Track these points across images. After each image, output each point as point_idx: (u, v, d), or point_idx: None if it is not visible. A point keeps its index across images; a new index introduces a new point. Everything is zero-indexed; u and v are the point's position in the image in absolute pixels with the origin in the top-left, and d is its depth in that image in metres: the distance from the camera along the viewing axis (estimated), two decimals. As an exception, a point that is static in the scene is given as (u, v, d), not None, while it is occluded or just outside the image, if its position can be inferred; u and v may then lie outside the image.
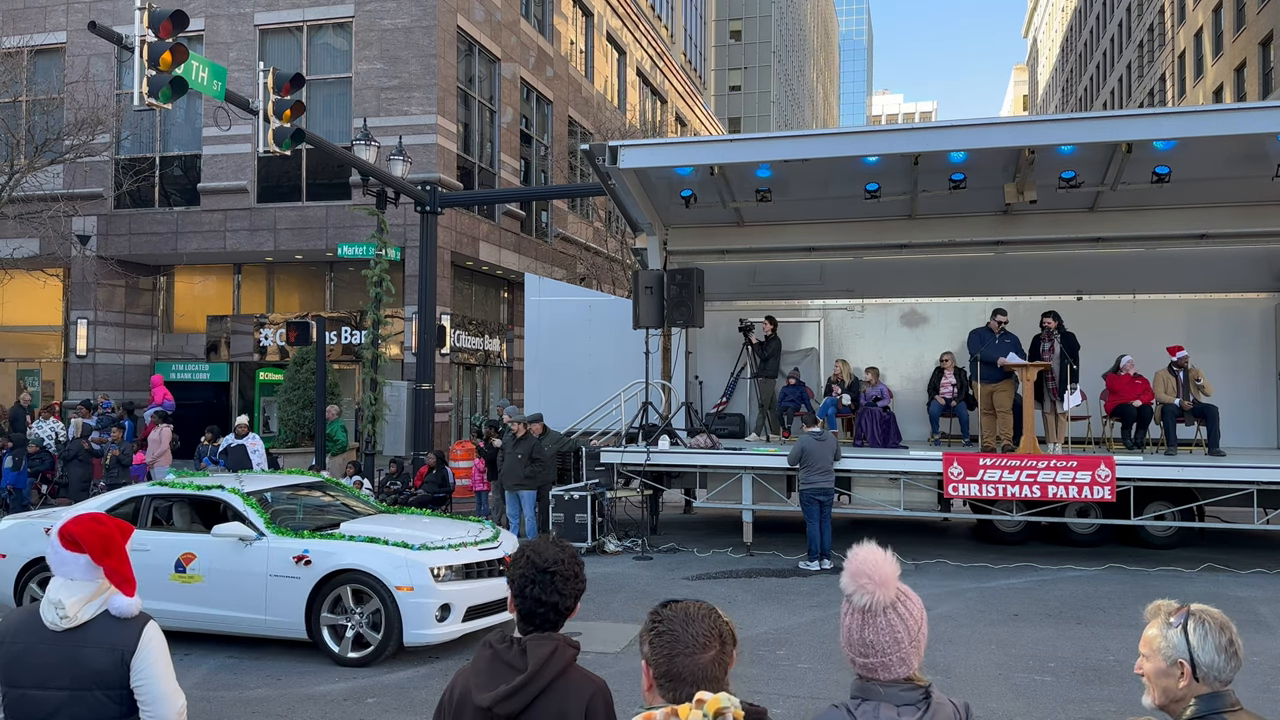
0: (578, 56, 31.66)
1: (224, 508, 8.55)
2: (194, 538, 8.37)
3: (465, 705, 2.45)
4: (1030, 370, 12.23)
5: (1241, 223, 14.09)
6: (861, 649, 2.14)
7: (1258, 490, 11.41)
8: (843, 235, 15.43)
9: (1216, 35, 38.91)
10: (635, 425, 13.86)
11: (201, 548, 8.21)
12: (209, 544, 8.19)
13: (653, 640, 2.16)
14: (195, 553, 8.20)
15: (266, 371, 22.52)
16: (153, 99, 10.41)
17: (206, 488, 8.67)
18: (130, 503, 8.66)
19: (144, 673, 2.82)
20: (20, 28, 23.13)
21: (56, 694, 2.78)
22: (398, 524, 8.81)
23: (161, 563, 8.18)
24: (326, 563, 7.87)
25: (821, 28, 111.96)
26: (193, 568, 8.16)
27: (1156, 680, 2.34)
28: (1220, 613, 2.33)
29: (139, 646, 2.83)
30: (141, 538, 8.26)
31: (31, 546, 8.53)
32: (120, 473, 15.48)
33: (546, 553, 2.56)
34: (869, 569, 2.15)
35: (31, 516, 9.34)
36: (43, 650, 2.80)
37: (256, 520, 8.19)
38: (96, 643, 2.80)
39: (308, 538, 8.12)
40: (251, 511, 8.27)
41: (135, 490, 8.96)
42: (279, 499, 8.95)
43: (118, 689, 2.81)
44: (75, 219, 22.91)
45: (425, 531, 8.44)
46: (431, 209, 17.21)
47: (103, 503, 8.77)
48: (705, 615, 2.18)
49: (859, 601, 2.14)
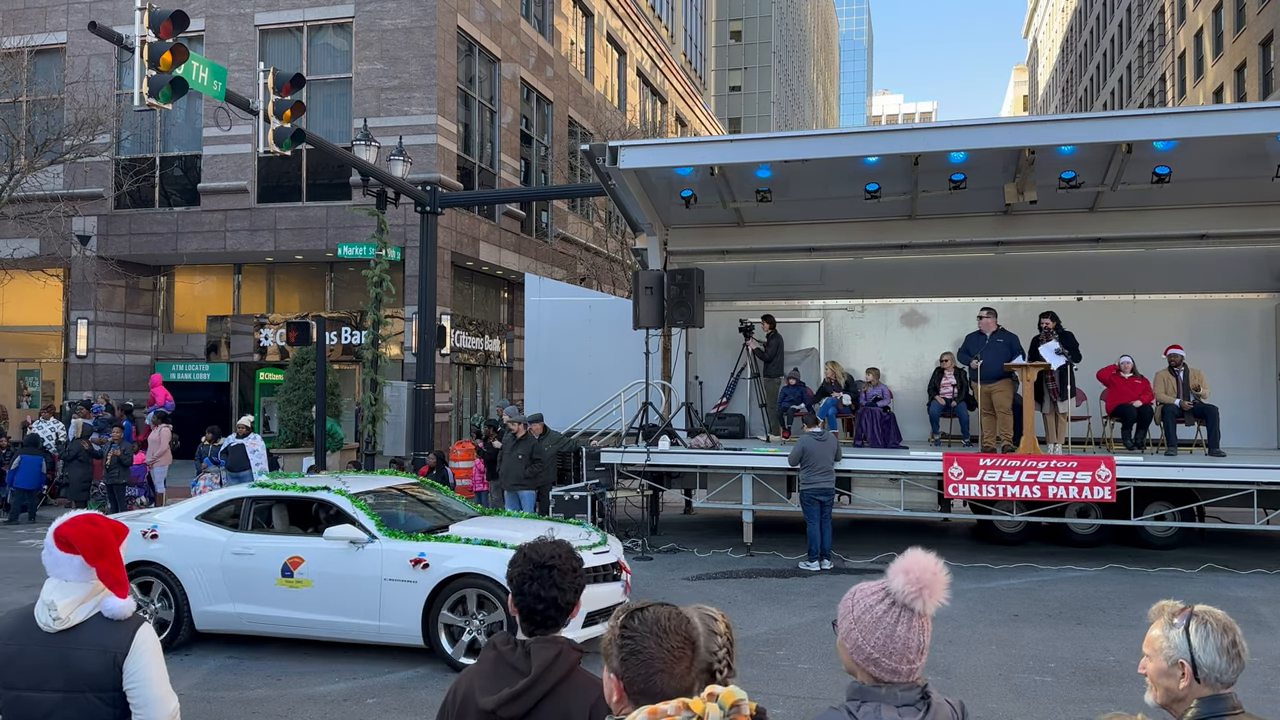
0: (578, 57, 31.66)
1: (330, 510, 8.30)
2: (301, 541, 8.05)
3: (468, 707, 2.45)
4: (1030, 370, 12.23)
5: (1241, 223, 14.09)
6: (891, 652, 2.10)
7: (1258, 490, 11.40)
8: (843, 235, 15.43)
9: (1216, 35, 38.90)
10: (635, 425, 13.86)
11: (310, 551, 7.88)
12: (318, 547, 7.88)
13: (626, 659, 2.07)
14: (303, 556, 7.87)
15: (266, 372, 22.51)
16: (153, 99, 10.41)
17: (311, 489, 8.37)
18: (231, 504, 8.44)
19: (136, 675, 2.81)
20: (20, 28, 23.14)
21: (50, 696, 2.78)
22: (505, 526, 8.56)
23: (266, 567, 7.92)
24: (444, 566, 7.57)
25: (821, 28, 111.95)
26: (300, 572, 7.84)
27: (1158, 680, 2.35)
28: (1224, 614, 2.33)
29: (131, 648, 2.82)
30: (245, 541, 8.14)
31: (132, 551, 8.08)
32: (120, 473, 15.48)
33: (543, 549, 2.57)
34: (927, 577, 2.11)
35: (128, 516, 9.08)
36: (36, 652, 2.80)
37: (367, 523, 7.89)
38: (89, 644, 2.79)
39: (421, 540, 7.82)
40: (361, 513, 7.96)
41: (235, 492, 8.66)
42: (382, 501, 8.65)
43: (110, 691, 2.80)
44: (75, 219, 22.92)
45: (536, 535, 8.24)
46: (431, 209, 17.21)
47: (203, 504, 8.52)
48: (676, 625, 2.10)
49: (918, 606, 2.10)
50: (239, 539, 8.17)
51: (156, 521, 8.42)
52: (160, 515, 8.64)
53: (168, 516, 8.54)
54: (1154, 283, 14.92)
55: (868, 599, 2.16)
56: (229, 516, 8.41)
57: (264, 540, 8.15)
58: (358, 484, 8.77)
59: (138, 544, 8.20)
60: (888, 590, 2.14)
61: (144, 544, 8.24)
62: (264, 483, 8.83)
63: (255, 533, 8.26)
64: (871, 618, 2.13)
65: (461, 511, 9.07)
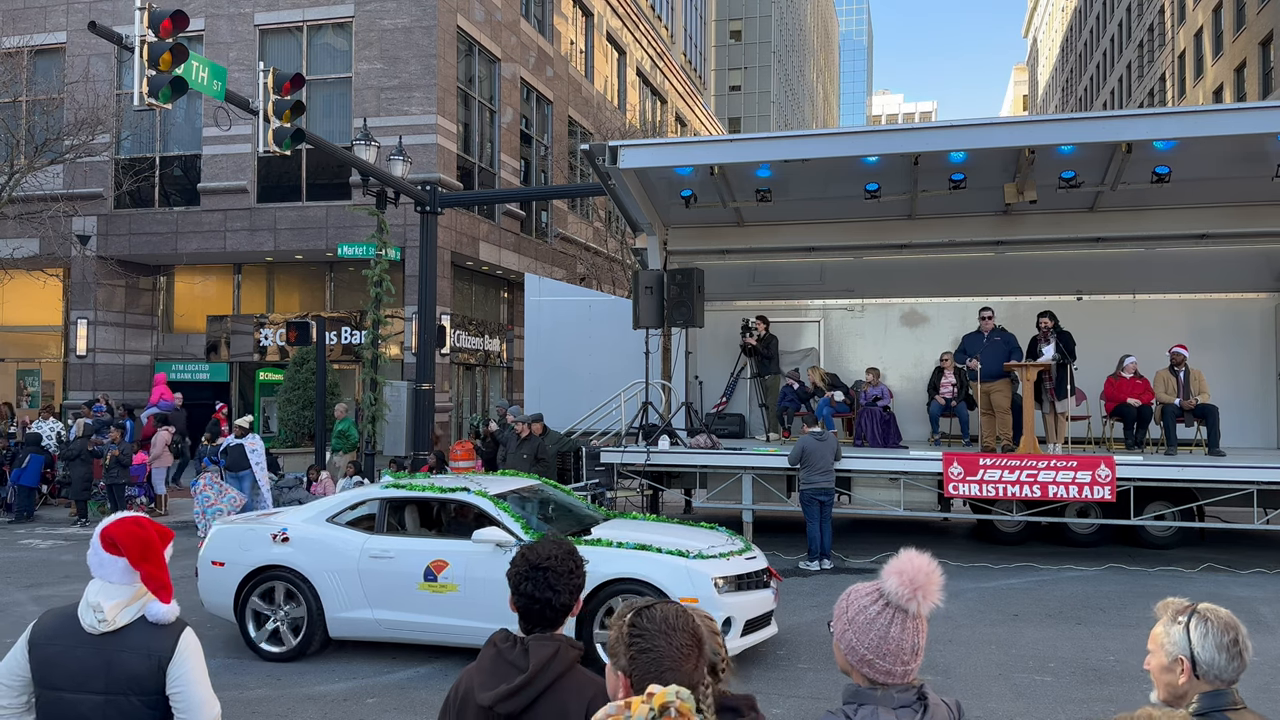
0: (578, 56, 31.67)
1: (469, 512, 8.07)
2: (445, 543, 7.75)
3: (468, 703, 2.46)
4: (1030, 370, 12.23)
5: (1241, 223, 14.09)
6: (885, 653, 2.10)
7: (1258, 490, 11.40)
8: (843, 235, 15.43)
9: (1216, 35, 38.91)
10: (635, 425, 13.85)
11: (455, 555, 7.58)
12: (463, 550, 7.59)
13: (635, 657, 2.08)
14: (447, 560, 7.57)
15: (266, 371, 22.53)
16: (153, 99, 10.41)
17: (449, 490, 8.09)
18: (363, 506, 8.23)
19: (181, 679, 2.82)
20: (20, 28, 23.13)
21: (91, 698, 2.78)
22: (649, 530, 8.25)
23: (409, 570, 7.64)
24: (599, 571, 7.27)
25: (821, 28, 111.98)
26: (445, 576, 7.54)
27: (1160, 676, 2.37)
28: (1228, 613, 2.34)
29: (176, 653, 2.83)
30: (383, 544, 7.82)
31: (255, 553, 7.97)
32: (119, 473, 15.48)
33: (541, 549, 2.58)
34: (921, 578, 2.11)
35: (249, 518, 8.75)
36: (80, 653, 2.79)
37: (512, 525, 7.61)
38: (134, 648, 2.80)
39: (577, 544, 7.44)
40: (505, 515, 7.68)
41: (369, 492, 8.38)
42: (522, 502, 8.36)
43: (153, 694, 2.80)
44: (75, 219, 22.92)
45: (682, 539, 7.89)
46: (431, 209, 17.21)
47: (332, 505, 8.25)
48: (683, 623, 2.12)
49: (912, 607, 2.10)
50: (375, 541, 7.88)
51: (286, 524, 8.14)
52: (288, 517, 8.36)
53: (295, 519, 8.26)
54: (1154, 283, 14.92)
55: (862, 600, 2.16)
56: (360, 518, 8.17)
57: (404, 543, 7.83)
58: (495, 485, 8.46)
59: (267, 547, 7.97)
60: (882, 591, 2.14)
61: (274, 547, 7.98)
62: (396, 483, 8.46)
63: (389, 535, 7.96)
64: (865, 619, 2.13)
65: (590, 513, 8.78)
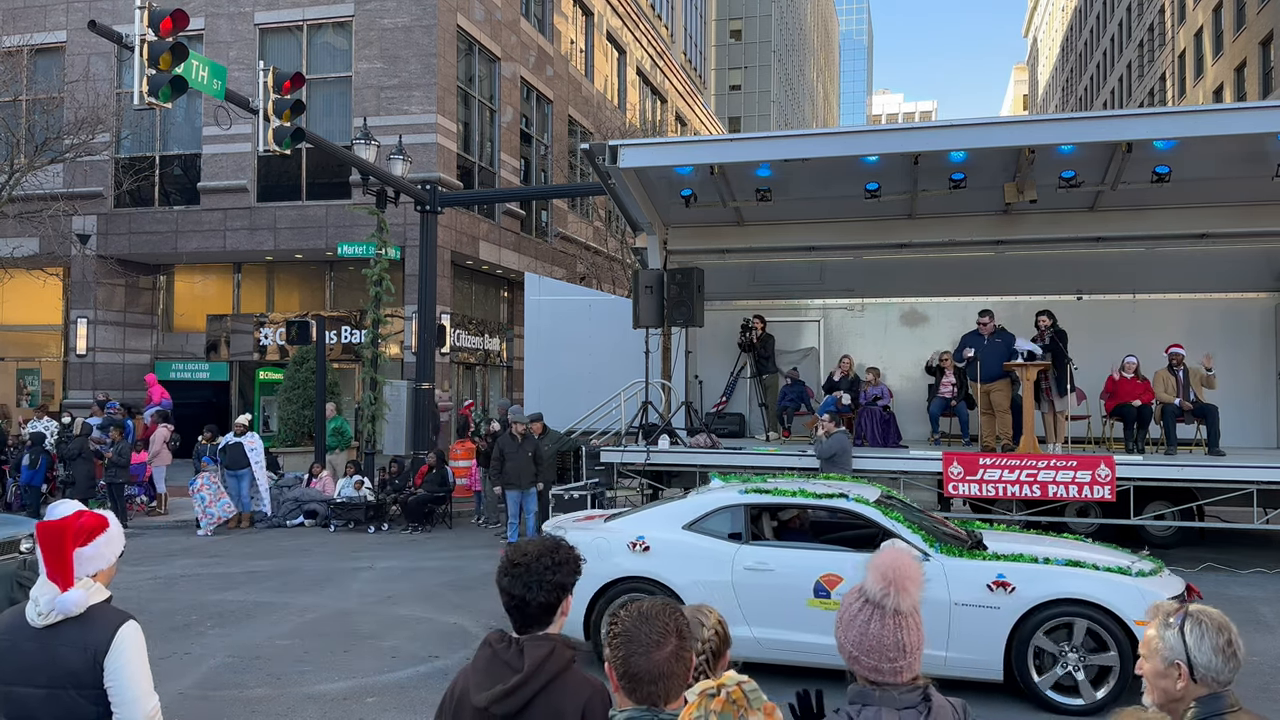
0: (578, 56, 31.66)
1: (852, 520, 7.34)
2: (836, 556, 7.01)
3: (464, 704, 2.46)
4: (1030, 370, 12.22)
5: (1241, 223, 14.08)
6: (867, 650, 2.12)
7: (1258, 490, 11.39)
8: (843, 235, 15.41)
9: (1216, 35, 38.90)
10: (635, 425, 13.85)
11: (851, 568, 6.78)
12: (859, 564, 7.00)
13: (610, 642, 2.18)
14: (841, 575, 6.81)
15: (266, 371, 22.55)
16: (153, 98, 10.42)
17: (824, 496, 7.35)
18: (724, 512, 7.45)
19: (116, 673, 2.77)
20: (20, 27, 23.13)
21: (36, 692, 2.76)
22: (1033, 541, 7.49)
23: (794, 584, 6.93)
24: (1036, 590, 6.53)
25: (821, 27, 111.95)
26: (839, 592, 6.78)
27: (1155, 681, 2.33)
28: (1220, 613, 2.32)
29: (112, 646, 2.78)
30: (759, 555, 7.16)
31: (611, 563, 7.38)
32: (118, 472, 15.47)
33: (523, 546, 2.54)
34: (893, 574, 2.13)
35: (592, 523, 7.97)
36: (26, 647, 2.78)
37: (912, 537, 6.87)
38: (71, 641, 2.77)
39: (991, 559, 6.79)
40: (900, 525, 6.97)
41: (725, 498, 7.55)
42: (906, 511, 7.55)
43: (90, 688, 2.77)
44: (75, 218, 22.92)
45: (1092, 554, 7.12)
46: (431, 208, 17.21)
47: (687, 511, 7.57)
48: (660, 612, 2.17)
49: (888, 603, 2.11)
50: (749, 552, 7.19)
51: (643, 533, 7.52)
52: (641, 526, 7.66)
53: (649, 527, 7.60)
54: (1154, 282, 14.90)
55: (848, 598, 2.21)
56: (720, 526, 7.45)
57: (783, 555, 7.16)
58: (868, 492, 7.66)
59: (626, 557, 7.43)
60: (862, 589, 2.18)
61: (635, 557, 7.42)
62: (759, 489, 7.67)
63: (759, 545, 7.28)
64: (848, 615, 2.18)
65: (949, 525, 7.88)
